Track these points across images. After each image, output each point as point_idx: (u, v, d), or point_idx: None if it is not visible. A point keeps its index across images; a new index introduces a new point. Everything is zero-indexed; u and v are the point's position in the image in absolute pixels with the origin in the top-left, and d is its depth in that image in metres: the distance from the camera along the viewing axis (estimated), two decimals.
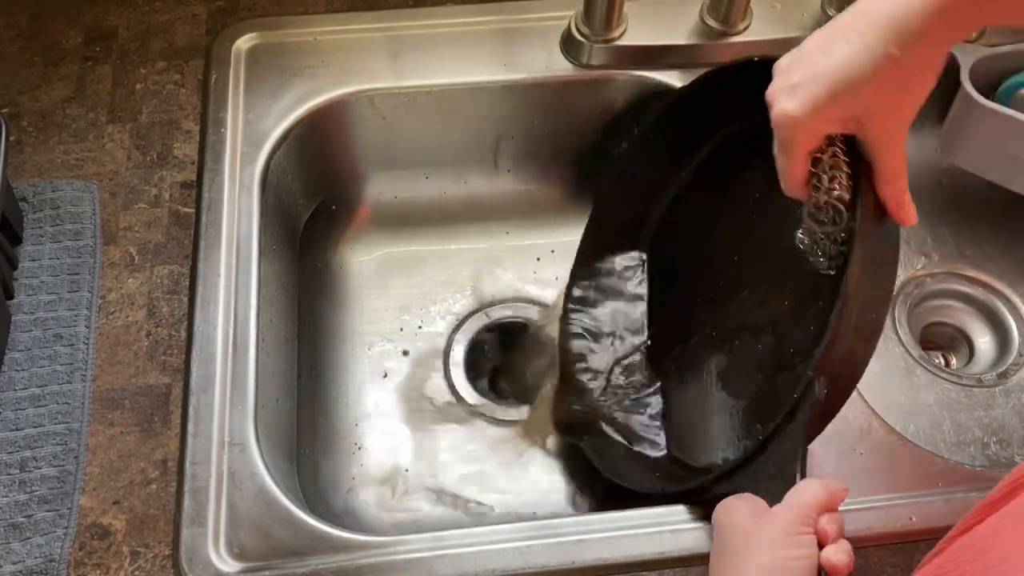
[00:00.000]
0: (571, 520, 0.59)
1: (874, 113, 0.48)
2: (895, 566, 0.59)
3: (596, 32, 0.76)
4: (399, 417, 0.76)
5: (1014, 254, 0.83)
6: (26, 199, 0.72)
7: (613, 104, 0.80)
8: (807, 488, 0.49)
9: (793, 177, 0.52)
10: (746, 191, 0.66)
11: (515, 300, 0.83)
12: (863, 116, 0.49)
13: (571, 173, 0.86)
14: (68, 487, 0.61)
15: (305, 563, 0.57)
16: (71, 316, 0.67)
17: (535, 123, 0.82)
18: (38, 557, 0.58)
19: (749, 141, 0.57)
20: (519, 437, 0.76)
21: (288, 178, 0.77)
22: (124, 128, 0.77)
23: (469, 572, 0.56)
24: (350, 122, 0.79)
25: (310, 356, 0.77)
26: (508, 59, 0.78)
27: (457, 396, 0.78)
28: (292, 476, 0.67)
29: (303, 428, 0.72)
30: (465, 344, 0.80)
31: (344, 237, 0.84)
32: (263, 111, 0.75)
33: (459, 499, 0.73)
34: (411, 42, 0.79)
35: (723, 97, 0.66)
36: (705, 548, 0.58)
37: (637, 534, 0.58)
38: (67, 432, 0.63)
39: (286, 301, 0.75)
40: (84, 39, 0.82)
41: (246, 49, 0.78)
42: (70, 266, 0.69)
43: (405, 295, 0.82)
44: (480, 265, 0.84)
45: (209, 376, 0.63)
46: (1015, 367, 0.78)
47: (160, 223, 0.72)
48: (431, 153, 0.83)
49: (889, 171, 0.50)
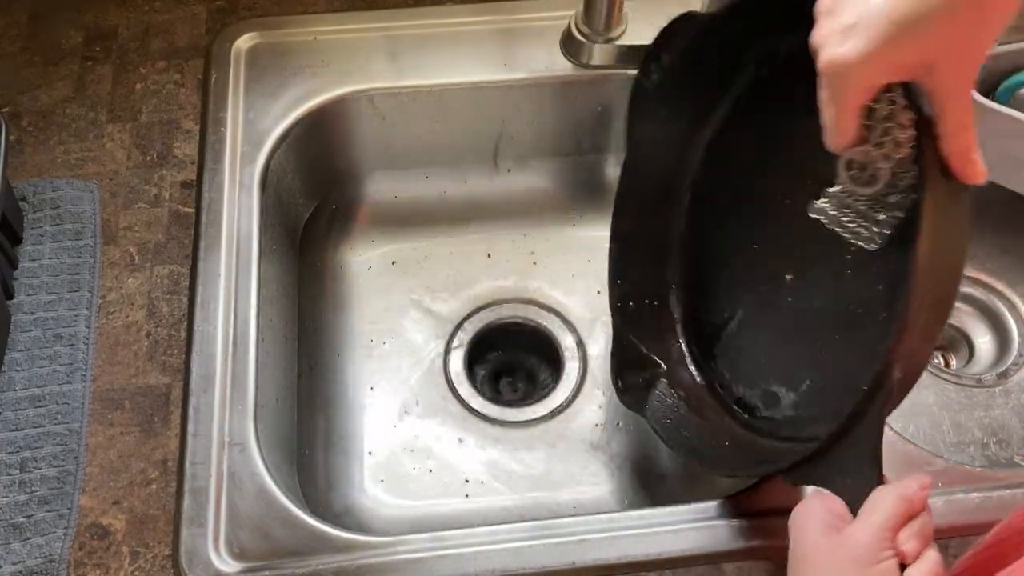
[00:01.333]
0: (571, 520, 0.59)
1: (945, 56, 0.41)
2: None
3: (596, 32, 0.76)
4: (399, 417, 0.76)
5: (1014, 254, 0.83)
6: (26, 199, 0.72)
7: (613, 104, 0.80)
8: (881, 502, 0.44)
9: (843, 132, 0.46)
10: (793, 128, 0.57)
11: (515, 300, 0.83)
12: (933, 59, 0.41)
13: (571, 173, 0.86)
14: (68, 487, 0.61)
15: (305, 563, 0.57)
16: (71, 316, 0.67)
17: (535, 123, 0.82)
18: (38, 557, 0.58)
19: (794, 69, 0.50)
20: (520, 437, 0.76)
21: (288, 178, 0.77)
22: (124, 128, 0.77)
23: (469, 572, 0.56)
24: (350, 122, 0.79)
25: (310, 356, 0.77)
26: (508, 59, 0.78)
27: (457, 396, 0.78)
28: (292, 476, 0.67)
29: (303, 428, 0.72)
30: (465, 344, 0.80)
31: (344, 237, 0.84)
32: (263, 111, 0.75)
33: (459, 499, 0.73)
34: (411, 42, 0.79)
35: (758, 21, 0.60)
36: (705, 548, 0.58)
37: (638, 534, 0.58)
38: (67, 432, 0.63)
39: (286, 301, 0.75)
40: (84, 39, 0.82)
41: (246, 49, 0.78)
42: (70, 266, 0.69)
43: (405, 295, 0.82)
44: (480, 264, 0.84)
45: (209, 376, 0.63)
46: (1015, 367, 0.78)
47: (160, 223, 0.72)
48: (431, 153, 0.83)
49: (956, 123, 0.43)
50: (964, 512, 0.60)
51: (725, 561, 0.58)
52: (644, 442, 0.76)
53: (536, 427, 0.77)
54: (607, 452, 0.75)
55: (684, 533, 0.58)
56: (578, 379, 0.79)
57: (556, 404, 0.78)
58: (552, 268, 0.84)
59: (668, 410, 0.66)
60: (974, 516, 0.60)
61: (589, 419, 0.77)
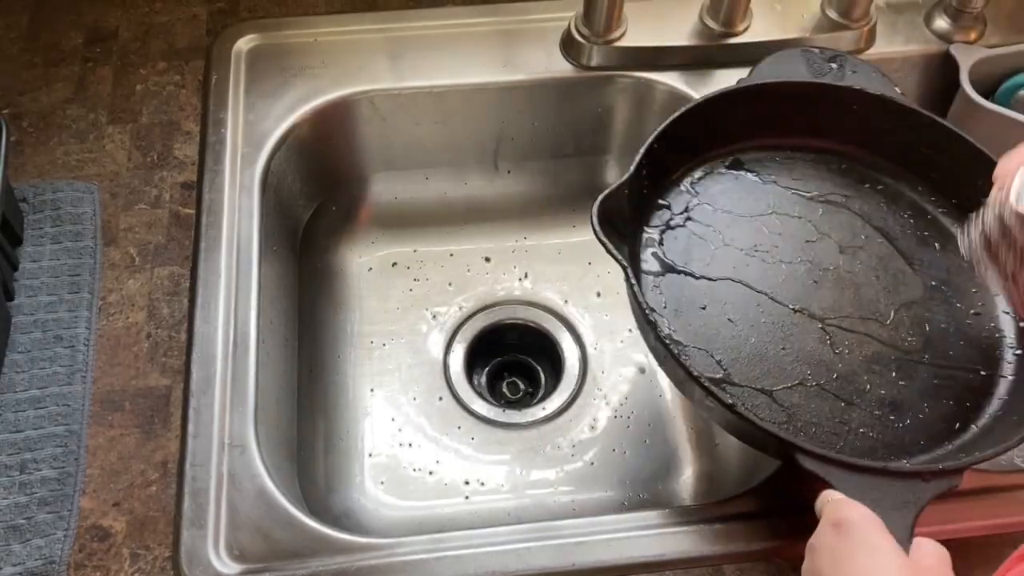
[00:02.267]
0: (571, 522, 0.59)
1: None
2: None
3: (596, 33, 0.76)
4: (399, 419, 0.76)
5: None
6: (26, 200, 0.72)
7: (613, 105, 0.80)
8: (929, 551, 0.46)
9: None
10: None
11: (515, 302, 0.83)
12: None
13: (571, 174, 0.86)
14: (68, 489, 0.61)
15: (305, 565, 0.57)
16: (71, 317, 0.67)
17: (535, 124, 0.82)
18: (38, 559, 0.58)
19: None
20: (520, 439, 0.76)
21: (288, 179, 0.77)
22: (124, 129, 0.77)
23: (469, 574, 0.56)
24: (350, 123, 0.79)
25: (310, 357, 0.77)
26: (508, 60, 0.78)
27: (457, 398, 0.78)
28: (292, 478, 0.67)
29: (303, 430, 0.72)
30: (465, 345, 0.80)
31: (344, 238, 0.84)
32: (263, 112, 0.75)
33: (458, 500, 0.73)
34: (411, 43, 0.79)
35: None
36: (705, 550, 0.58)
37: (637, 536, 0.58)
38: (67, 434, 0.63)
39: (286, 302, 0.75)
40: (84, 40, 0.82)
41: (246, 50, 0.78)
42: (70, 267, 0.69)
43: (405, 296, 0.82)
44: (480, 266, 0.84)
45: (209, 377, 0.63)
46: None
47: (160, 224, 0.72)
48: (431, 154, 0.83)
49: None
50: (965, 515, 0.60)
51: (725, 563, 0.58)
52: (644, 444, 0.76)
53: (536, 429, 0.77)
54: (607, 453, 0.75)
55: (684, 535, 0.58)
56: (578, 381, 0.79)
57: (556, 406, 0.78)
58: (552, 269, 0.84)
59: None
60: (974, 518, 0.60)
61: (589, 421, 0.77)
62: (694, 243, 0.65)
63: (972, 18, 0.78)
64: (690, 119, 0.64)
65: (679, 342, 0.60)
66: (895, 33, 0.79)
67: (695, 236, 0.66)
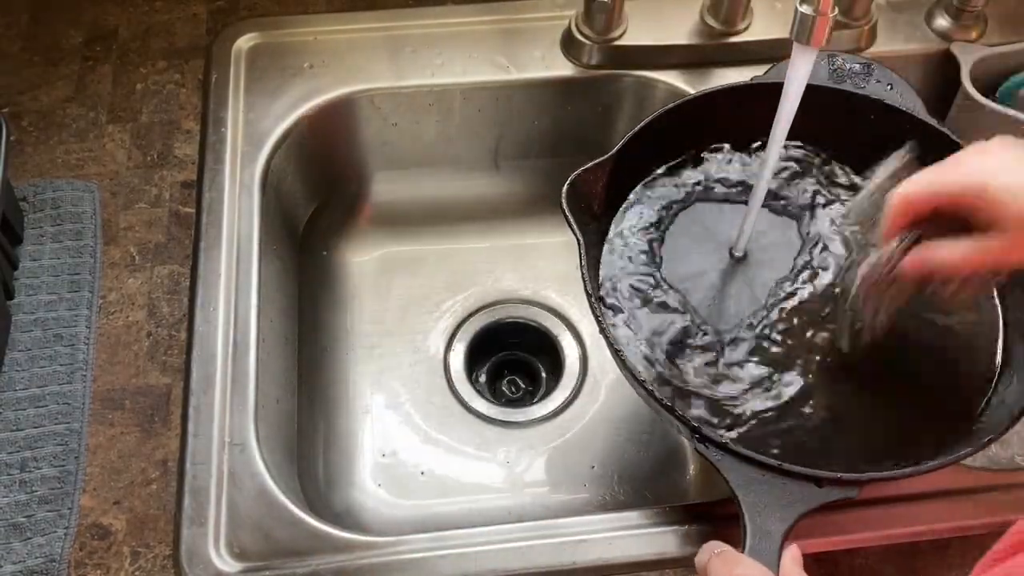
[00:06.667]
0: (572, 520, 0.59)
1: None
2: (896, 567, 0.59)
3: (596, 32, 0.76)
4: (399, 417, 0.76)
5: None
6: (26, 199, 0.72)
7: (613, 104, 0.80)
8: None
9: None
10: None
11: (515, 300, 0.83)
12: None
13: (572, 173, 0.86)
14: (68, 487, 0.61)
15: (305, 563, 0.57)
16: (71, 316, 0.67)
17: (535, 123, 0.82)
18: (39, 557, 0.58)
19: None
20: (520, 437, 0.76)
21: (288, 178, 0.77)
22: (124, 128, 0.77)
23: (470, 572, 0.56)
24: (350, 122, 0.79)
25: (310, 356, 0.77)
26: (508, 59, 0.78)
27: (457, 396, 0.78)
28: (292, 476, 0.67)
29: (303, 428, 0.72)
30: (465, 344, 0.80)
31: (344, 237, 0.84)
32: (263, 111, 0.75)
33: (459, 499, 0.73)
34: (411, 42, 0.79)
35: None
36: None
37: (637, 534, 0.58)
38: (67, 432, 0.63)
39: (286, 301, 0.75)
40: (84, 39, 0.82)
41: (246, 49, 0.78)
42: (70, 266, 0.69)
43: (405, 295, 0.82)
44: (480, 265, 0.84)
45: (209, 376, 0.63)
46: None
47: (160, 223, 0.72)
48: (431, 153, 0.83)
49: None
50: (964, 513, 0.60)
51: None
52: (645, 442, 0.76)
53: (536, 427, 0.77)
54: (607, 452, 0.75)
55: (684, 533, 0.58)
56: (578, 379, 0.79)
57: (556, 404, 0.78)
58: (552, 268, 0.84)
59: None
60: (974, 517, 0.60)
61: (589, 419, 0.77)
62: (669, 240, 0.66)
63: (973, 17, 0.78)
64: (685, 111, 0.64)
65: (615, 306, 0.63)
66: (896, 32, 0.79)
67: (673, 233, 0.66)
